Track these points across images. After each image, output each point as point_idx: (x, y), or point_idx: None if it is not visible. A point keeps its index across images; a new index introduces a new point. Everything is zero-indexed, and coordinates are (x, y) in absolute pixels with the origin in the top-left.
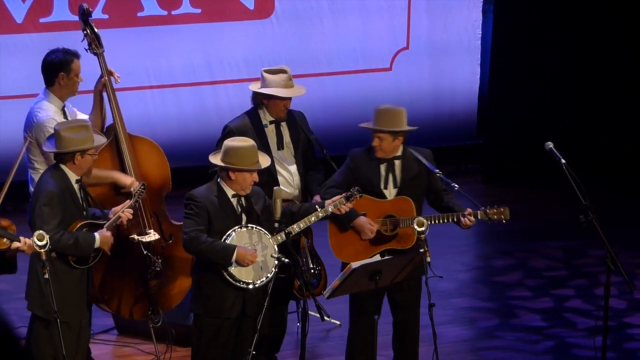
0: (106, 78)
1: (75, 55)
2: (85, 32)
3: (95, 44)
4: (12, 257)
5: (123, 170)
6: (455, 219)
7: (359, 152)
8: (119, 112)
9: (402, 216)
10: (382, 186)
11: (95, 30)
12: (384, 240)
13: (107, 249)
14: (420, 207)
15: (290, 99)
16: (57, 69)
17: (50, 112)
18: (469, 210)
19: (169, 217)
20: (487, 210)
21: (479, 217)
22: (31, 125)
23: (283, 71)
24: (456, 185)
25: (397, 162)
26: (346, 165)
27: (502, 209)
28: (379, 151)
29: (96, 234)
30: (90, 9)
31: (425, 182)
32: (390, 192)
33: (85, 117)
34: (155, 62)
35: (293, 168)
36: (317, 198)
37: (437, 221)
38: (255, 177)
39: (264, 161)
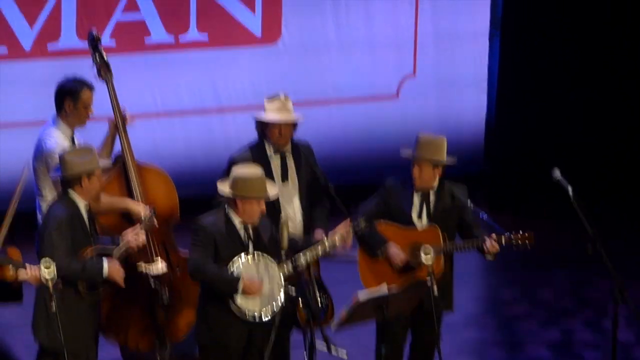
0: (116, 113)
1: (86, 85)
2: (94, 58)
3: (104, 70)
4: (18, 286)
5: (131, 199)
6: (479, 245)
7: (394, 182)
8: (128, 141)
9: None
10: (414, 216)
11: (105, 56)
12: (412, 269)
13: (118, 279)
14: (450, 238)
15: (289, 127)
16: (64, 96)
17: (59, 140)
18: (494, 235)
19: (176, 247)
20: (512, 236)
21: (504, 242)
22: (40, 152)
23: (277, 97)
24: (485, 214)
25: (432, 194)
26: (379, 195)
27: (526, 234)
28: (418, 180)
29: (104, 259)
30: (100, 35)
31: (457, 216)
32: (423, 223)
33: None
34: (162, 89)
35: (296, 202)
36: (318, 231)
37: (463, 249)
38: (262, 207)
39: (273, 191)
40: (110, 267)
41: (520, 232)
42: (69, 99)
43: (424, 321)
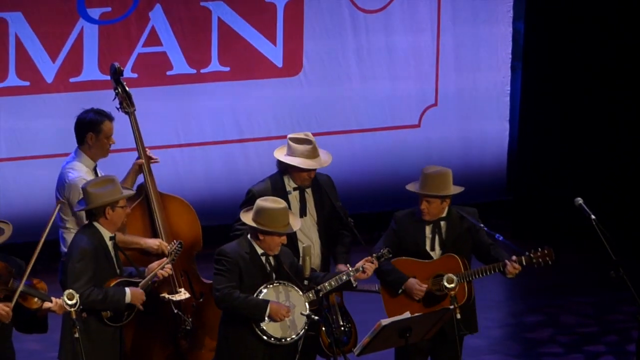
0: (138, 145)
1: (106, 116)
2: (116, 91)
3: (126, 102)
4: (43, 317)
5: (153, 229)
6: (500, 268)
7: (403, 215)
8: (150, 171)
9: (450, 274)
10: (428, 248)
11: (127, 89)
12: (437, 300)
13: (139, 304)
14: (469, 262)
15: (314, 169)
16: (86, 129)
17: (81, 173)
18: (514, 256)
19: (199, 276)
20: (531, 255)
21: (524, 262)
22: (63, 185)
23: (308, 141)
24: (500, 235)
25: (443, 223)
26: (391, 229)
27: (546, 251)
28: (426, 215)
29: (127, 289)
30: (122, 68)
31: (470, 239)
32: (437, 253)
33: None
34: (184, 121)
35: (314, 236)
36: (341, 267)
37: (484, 274)
38: (283, 239)
39: (295, 223)
40: (132, 294)
41: (539, 250)
42: (91, 131)
43: (444, 346)
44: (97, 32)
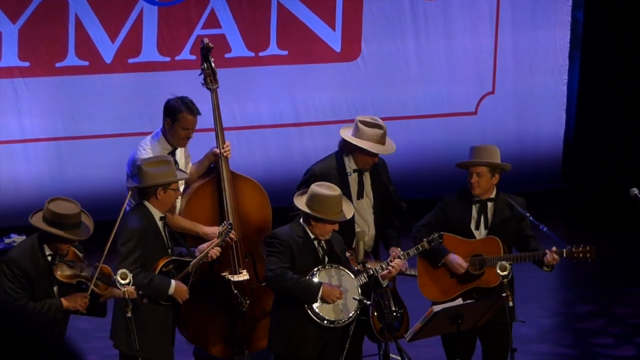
0: (217, 123)
1: (188, 109)
2: (203, 66)
3: (210, 79)
4: (103, 302)
5: (221, 207)
6: (539, 257)
7: (453, 195)
8: (226, 158)
9: (489, 255)
10: (473, 227)
11: (213, 66)
12: (471, 279)
13: (180, 300)
14: (510, 250)
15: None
16: (165, 113)
17: (149, 154)
18: (554, 248)
19: (264, 259)
20: (573, 249)
21: (565, 255)
22: (131, 160)
23: (379, 126)
24: (545, 226)
25: (490, 205)
26: (439, 207)
27: (587, 248)
28: (476, 188)
29: (173, 281)
30: (211, 45)
31: (515, 227)
32: (481, 233)
33: (189, 164)
34: (242, 104)
35: (370, 219)
36: (394, 250)
37: (522, 260)
38: (335, 226)
39: (348, 211)
40: (177, 288)
41: (582, 246)
42: (168, 117)
43: (494, 333)
44: (156, 13)
